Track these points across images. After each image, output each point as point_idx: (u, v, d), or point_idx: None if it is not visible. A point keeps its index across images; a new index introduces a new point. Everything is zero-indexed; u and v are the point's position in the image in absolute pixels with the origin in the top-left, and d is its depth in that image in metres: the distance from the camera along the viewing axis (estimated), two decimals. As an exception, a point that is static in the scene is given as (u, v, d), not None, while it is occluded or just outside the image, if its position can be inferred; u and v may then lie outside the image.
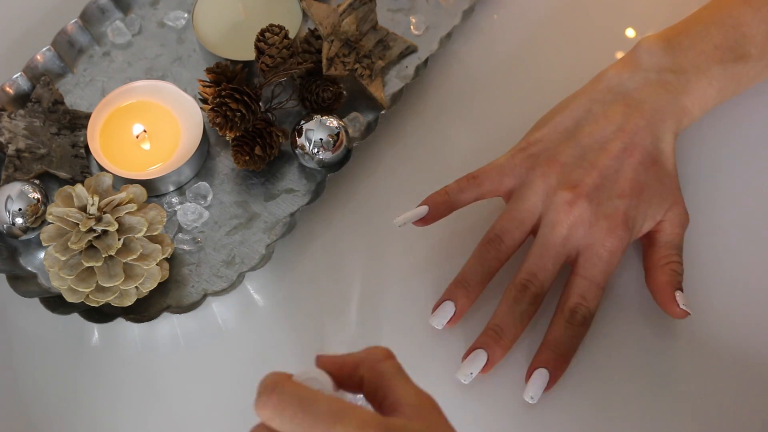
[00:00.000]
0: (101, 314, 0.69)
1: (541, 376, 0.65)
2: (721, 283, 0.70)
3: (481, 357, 0.65)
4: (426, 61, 0.78)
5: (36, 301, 0.69)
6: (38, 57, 0.78)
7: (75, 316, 0.68)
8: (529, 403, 0.65)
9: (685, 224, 0.69)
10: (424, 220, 0.69)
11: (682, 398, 0.66)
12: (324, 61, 0.74)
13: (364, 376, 0.51)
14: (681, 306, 0.66)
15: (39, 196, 0.71)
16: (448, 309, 0.67)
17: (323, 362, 0.51)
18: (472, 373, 0.65)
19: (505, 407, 0.66)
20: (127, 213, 0.66)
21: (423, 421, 0.49)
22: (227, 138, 0.73)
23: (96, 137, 0.74)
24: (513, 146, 0.71)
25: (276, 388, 0.48)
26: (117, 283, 0.66)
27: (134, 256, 0.66)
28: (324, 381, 0.50)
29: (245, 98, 0.71)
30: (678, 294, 0.66)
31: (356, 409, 0.47)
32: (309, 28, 0.77)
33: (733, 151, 0.75)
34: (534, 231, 0.68)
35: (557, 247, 0.66)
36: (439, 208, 0.69)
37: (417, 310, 0.70)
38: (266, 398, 0.48)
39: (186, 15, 0.81)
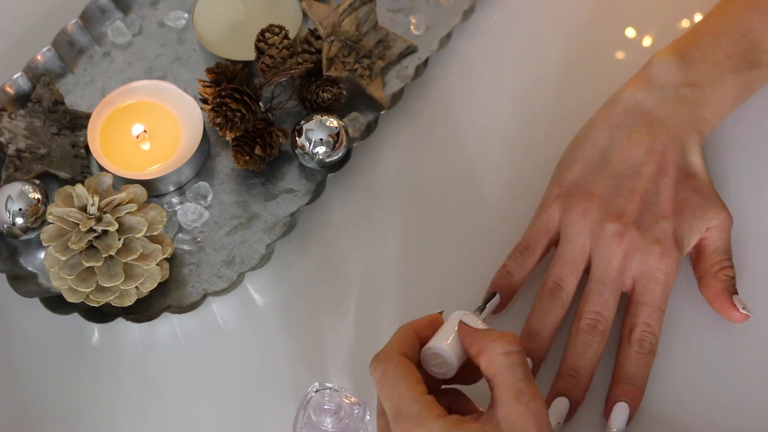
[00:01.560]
0: (101, 314, 0.69)
1: (622, 409, 0.64)
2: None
3: (564, 404, 0.64)
4: (426, 61, 0.78)
5: (36, 301, 0.69)
6: (38, 57, 0.78)
7: (75, 316, 0.68)
8: None
9: (729, 227, 0.68)
10: (498, 308, 0.68)
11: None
12: (324, 62, 0.74)
13: (481, 364, 0.56)
14: (741, 310, 0.66)
15: (39, 196, 0.71)
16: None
17: (462, 332, 0.58)
18: (559, 423, 0.64)
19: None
20: (127, 213, 0.66)
21: (506, 428, 0.53)
22: (227, 138, 0.73)
23: (96, 137, 0.74)
24: (545, 193, 0.70)
25: (383, 363, 0.56)
26: (117, 283, 0.66)
27: (134, 256, 0.66)
28: (450, 362, 0.57)
29: (245, 98, 0.71)
30: (736, 298, 0.66)
31: (428, 421, 0.53)
32: (309, 28, 0.77)
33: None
34: (587, 269, 0.67)
35: (615, 281, 0.66)
36: (507, 290, 0.68)
37: (417, 310, 0.70)
38: (374, 368, 0.56)
39: (186, 15, 0.82)
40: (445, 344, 0.58)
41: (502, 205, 0.73)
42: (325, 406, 0.62)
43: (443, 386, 0.61)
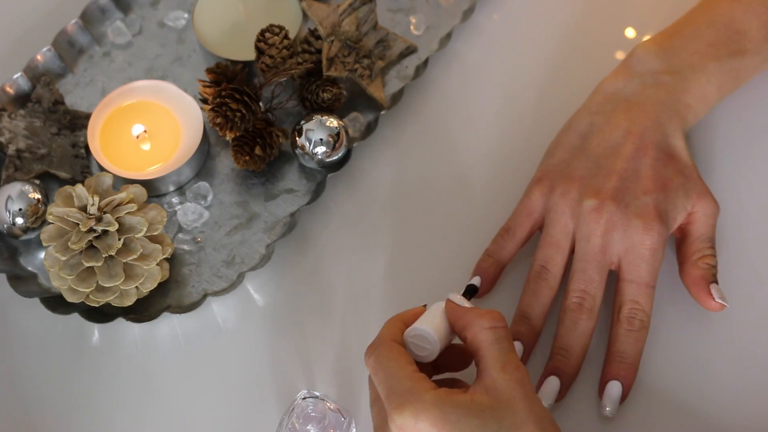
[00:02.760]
0: (101, 314, 0.69)
1: (615, 388, 0.64)
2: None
3: (555, 384, 0.65)
4: (426, 62, 0.78)
5: (36, 301, 0.69)
6: (39, 57, 0.78)
7: (75, 316, 0.68)
8: (608, 417, 0.65)
9: (715, 214, 0.68)
10: (482, 291, 0.69)
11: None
12: (324, 62, 0.74)
13: (467, 338, 0.58)
14: (717, 299, 0.66)
15: (39, 196, 0.71)
16: (517, 348, 0.66)
17: (449, 309, 0.59)
18: (550, 405, 0.64)
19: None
20: (127, 213, 0.66)
21: (493, 397, 0.54)
22: (227, 138, 0.73)
23: (96, 137, 0.74)
24: (530, 180, 0.71)
25: (376, 349, 0.58)
26: (117, 283, 0.66)
27: (134, 256, 0.66)
28: (432, 340, 0.58)
29: (245, 98, 0.71)
30: (713, 287, 0.66)
31: (419, 394, 0.54)
32: (309, 28, 0.77)
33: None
34: (573, 249, 0.68)
35: (597, 257, 0.66)
36: (489, 272, 0.69)
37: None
38: (367, 356, 0.58)
39: (186, 15, 0.82)
40: (426, 325, 0.59)
41: (503, 203, 0.73)
42: (311, 414, 0.62)
43: (434, 377, 0.61)
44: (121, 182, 0.73)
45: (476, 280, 0.69)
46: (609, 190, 0.67)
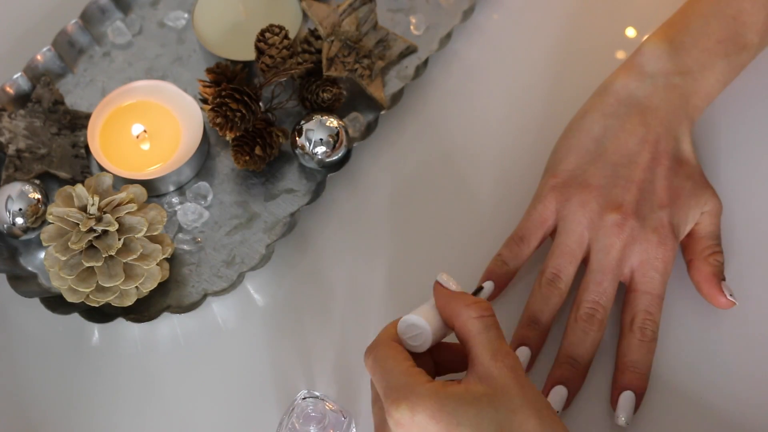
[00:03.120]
0: (101, 314, 0.69)
1: (629, 398, 0.64)
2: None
3: (562, 393, 0.65)
4: (426, 62, 0.78)
5: (36, 301, 0.69)
6: (38, 57, 0.78)
7: (75, 316, 0.68)
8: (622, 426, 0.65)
9: (720, 212, 0.69)
10: (492, 296, 0.69)
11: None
12: (324, 62, 0.74)
13: (455, 327, 0.58)
14: (728, 297, 0.66)
15: (39, 196, 0.71)
16: (524, 353, 0.66)
17: (437, 293, 0.59)
18: (558, 412, 0.64)
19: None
20: (127, 213, 0.66)
21: (487, 385, 0.55)
22: (227, 138, 0.73)
23: (96, 137, 0.74)
24: (540, 184, 0.70)
25: (374, 350, 0.58)
26: (117, 283, 0.66)
27: (134, 256, 0.66)
28: (421, 324, 0.59)
29: (245, 98, 0.71)
30: (724, 285, 0.67)
31: (414, 387, 0.55)
32: (309, 28, 0.77)
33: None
34: (584, 259, 0.68)
35: (614, 270, 0.66)
36: (503, 278, 0.69)
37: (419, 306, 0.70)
38: (366, 357, 0.59)
39: (186, 15, 0.82)
40: (417, 314, 0.59)
41: (503, 204, 0.73)
42: (311, 414, 0.62)
43: (438, 378, 0.62)
44: (121, 182, 0.73)
45: (489, 285, 0.68)
46: (630, 204, 0.67)
